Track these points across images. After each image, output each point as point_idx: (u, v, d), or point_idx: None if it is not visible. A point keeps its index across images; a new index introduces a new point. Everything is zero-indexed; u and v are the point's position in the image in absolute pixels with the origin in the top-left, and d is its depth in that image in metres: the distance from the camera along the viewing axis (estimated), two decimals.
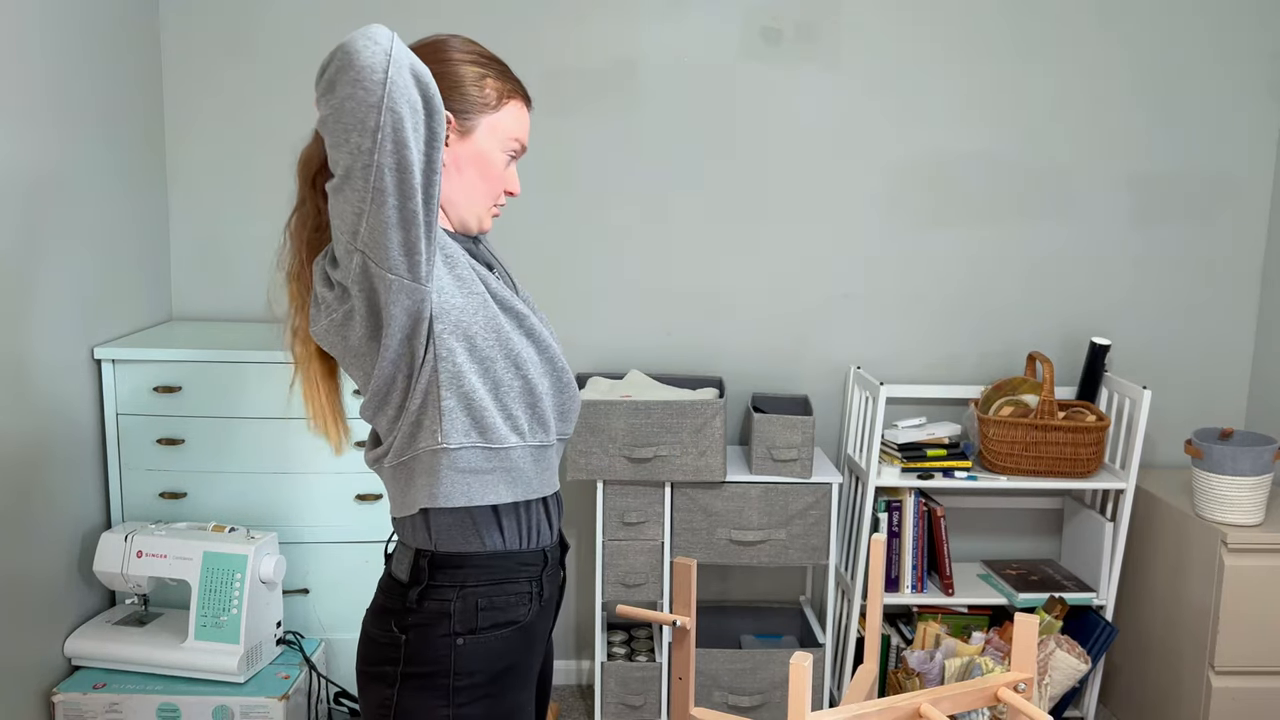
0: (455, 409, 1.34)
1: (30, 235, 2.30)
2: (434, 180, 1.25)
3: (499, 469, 1.38)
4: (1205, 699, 2.66)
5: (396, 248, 1.24)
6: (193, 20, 2.90)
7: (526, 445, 1.41)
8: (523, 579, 1.43)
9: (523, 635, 1.44)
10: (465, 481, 1.36)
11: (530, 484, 1.43)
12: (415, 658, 1.39)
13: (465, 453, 1.35)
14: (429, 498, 1.37)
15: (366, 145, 1.19)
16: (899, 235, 3.08)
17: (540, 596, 1.46)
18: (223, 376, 2.56)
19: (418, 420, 1.34)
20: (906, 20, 2.99)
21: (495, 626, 1.41)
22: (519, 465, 1.40)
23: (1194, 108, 3.06)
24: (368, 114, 1.18)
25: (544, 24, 2.95)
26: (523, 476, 1.41)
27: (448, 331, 1.31)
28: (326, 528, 2.64)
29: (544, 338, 1.43)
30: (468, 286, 1.34)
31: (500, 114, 1.41)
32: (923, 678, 2.71)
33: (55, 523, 2.41)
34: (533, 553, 1.45)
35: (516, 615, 1.43)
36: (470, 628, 1.39)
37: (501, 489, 1.39)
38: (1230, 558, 2.60)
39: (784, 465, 2.78)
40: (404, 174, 1.20)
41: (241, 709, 2.34)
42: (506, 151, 1.43)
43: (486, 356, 1.35)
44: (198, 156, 2.94)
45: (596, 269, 3.06)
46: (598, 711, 2.85)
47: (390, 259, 1.24)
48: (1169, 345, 3.17)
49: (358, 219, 1.23)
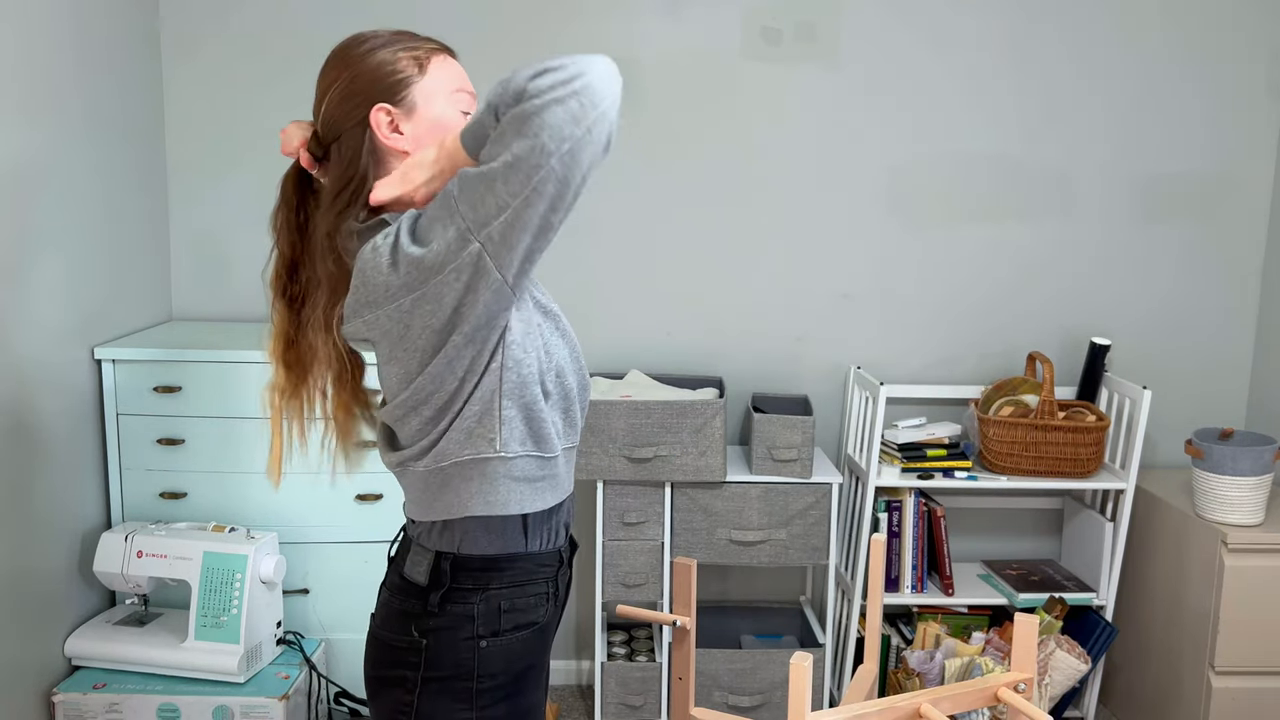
0: (516, 418, 1.34)
1: (30, 235, 2.30)
2: (571, 207, 1.26)
3: (548, 476, 1.40)
4: (1205, 699, 2.66)
5: (521, 252, 1.24)
6: (193, 20, 2.90)
7: (564, 449, 1.42)
8: (540, 579, 1.43)
9: (540, 635, 1.45)
10: (520, 490, 1.37)
11: (564, 486, 1.44)
12: (436, 661, 1.38)
13: (521, 461, 1.36)
14: (483, 505, 1.36)
15: (551, 148, 1.19)
16: (899, 235, 3.08)
17: (556, 596, 1.47)
18: (223, 376, 2.56)
19: (472, 428, 1.33)
20: (906, 20, 2.99)
21: (517, 628, 1.41)
22: (560, 471, 1.41)
23: (1194, 108, 3.06)
24: (573, 126, 1.19)
25: (544, 24, 2.95)
26: (561, 482, 1.42)
27: (516, 343, 1.31)
28: (326, 528, 2.63)
29: (573, 338, 1.43)
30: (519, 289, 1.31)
31: (428, 78, 1.40)
32: (923, 678, 2.71)
33: (55, 523, 2.41)
34: (550, 553, 1.45)
35: (536, 616, 1.43)
36: (493, 630, 1.39)
37: (549, 495, 1.41)
38: (1230, 558, 2.60)
39: (784, 465, 2.78)
40: (563, 188, 1.21)
41: (241, 709, 2.34)
42: (456, 106, 1.41)
43: (544, 367, 1.35)
44: (198, 156, 2.94)
45: (596, 269, 3.06)
46: (598, 711, 2.85)
47: (510, 261, 1.24)
48: (1169, 345, 3.17)
49: (498, 212, 1.21)
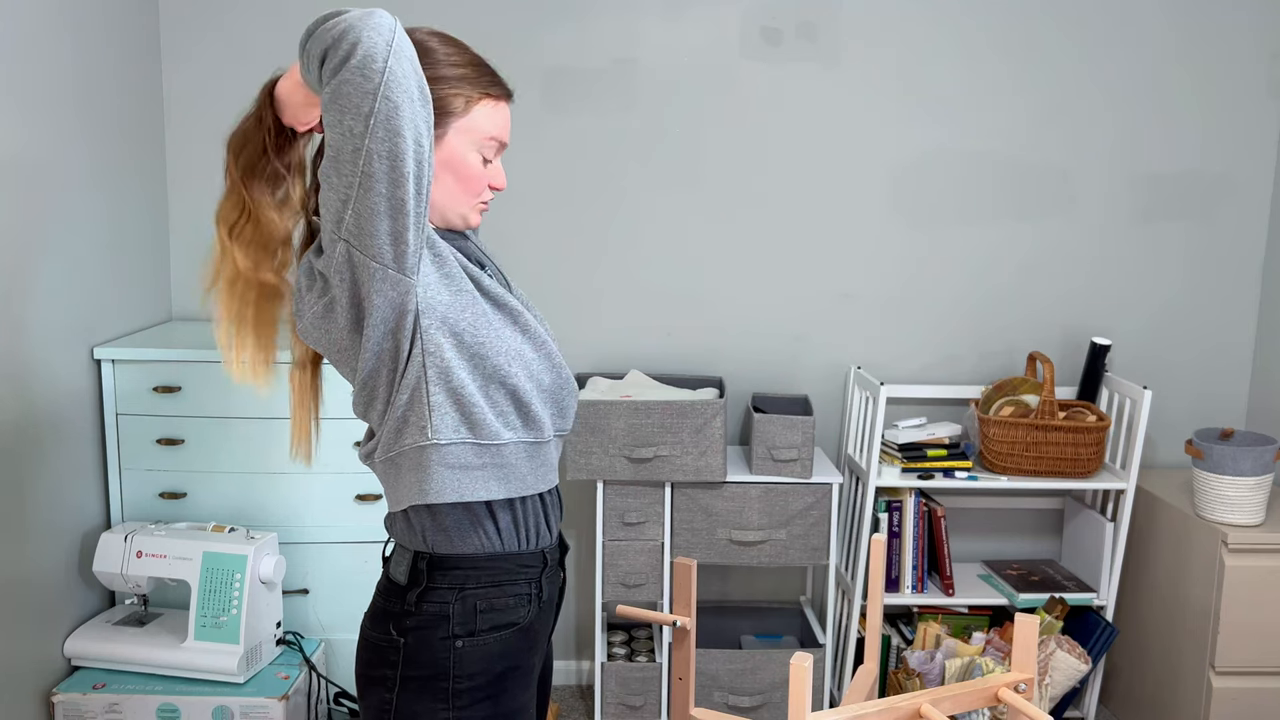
0: (444, 404, 1.34)
1: (30, 235, 2.29)
2: (424, 171, 1.26)
3: (491, 465, 1.38)
4: (1205, 699, 2.66)
5: (384, 236, 1.25)
6: (193, 20, 2.90)
7: (521, 441, 1.40)
8: (522, 580, 1.43)
9: (523, 637, 1.44)
10: (456, 477, 1.36)
11: (524, 480, 1.42)
12: (414, 660, 1.38)
13: (455, 448, 1.35)
14: (419, 493, 1.37)
15: (359, 129, 1.21)
16: (899, 235, 3.08)
17: (540, 598, 1.46)
18: (223, 376, 2.54)
19: (404, 415, 1.34)
20: (906, 20, 2.99)
21: (495, 629, 1.40)
22: (511, 461, 1.40)
23: (1194, 108, 3.06)
24: (363, 100, 1.20)
25: (544, 23, 2.94)
26: (516, 473, 1.41)
27: (434, 327, 1.31)
28: (326, 528, 2.63)
29: (539, 333, 1.43)
30: (456, 283, 1.34)
31: (470, 117, 1.39)
32: (923, 678, 2.71)
33: (55, 523, 2.40)
34: (532, 554, 1.44)
35: (516, 617, 1.43)
36: (469, 630, 1.39)
37: (494, 485, 1.39)
38: (1231, 558, 2.60)
39: (784, 465, 2.78)
40: (395, 161, 1.22)
41: (241, 709, 2.34)
42: (481, 151, 1.41)
43: (476, 353, 1.34)
44: (198, 156, 2.94)
45: (596, 269, 3.06)
46: (598, 712, 2.85)
47: (376, 247, 1.25)
48: (1169, 345, 3.16)
49: (343, 205, 1.24)
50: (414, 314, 1.30)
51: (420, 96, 1.24)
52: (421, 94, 1.25)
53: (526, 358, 1.40)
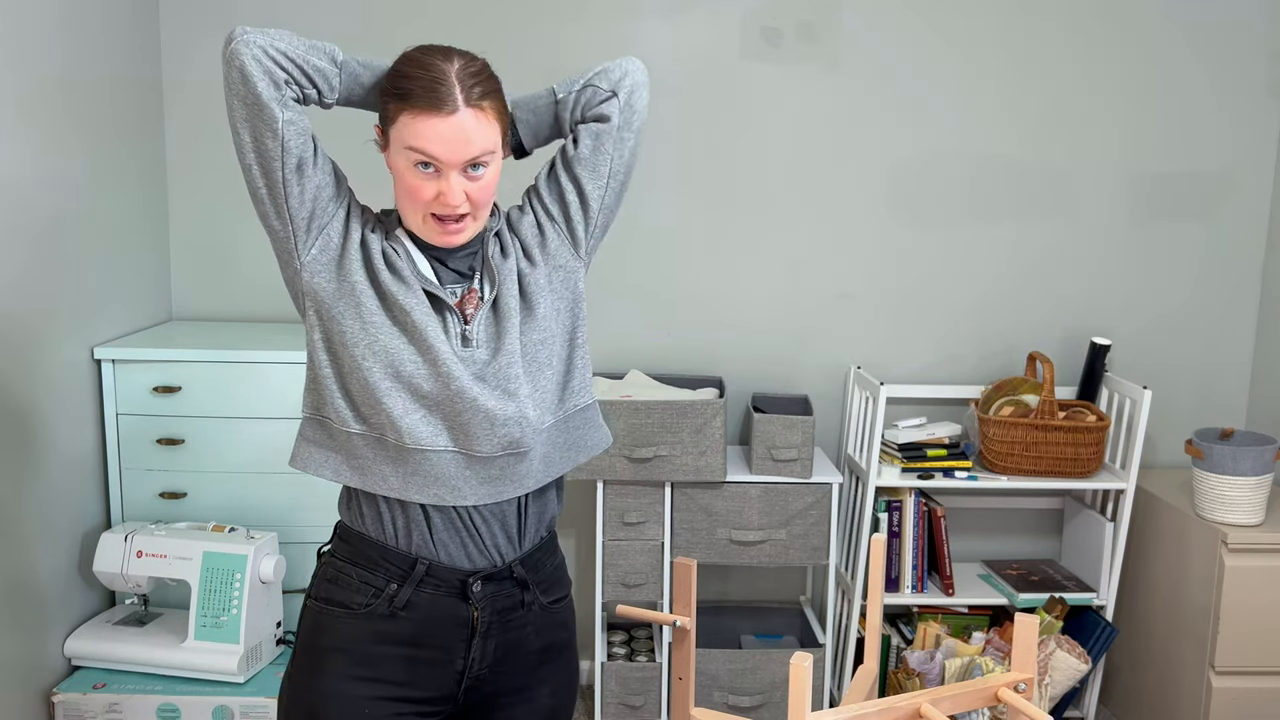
0: (313, 380, 1.46)
1: (30, 235, 2.30)
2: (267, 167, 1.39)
3: (339, 450, 1.45)
4: (1205, 699, 2.66)
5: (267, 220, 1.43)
6: (193, 20, 2.90)
7: (368, 435, 1.42)
8: (379, 572, 1.45)
9: (352, 623, 1.45)
10: (308, 450, 1.47)
11: (386, 481, 1.43)
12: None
13: (310, 423, 1.47)
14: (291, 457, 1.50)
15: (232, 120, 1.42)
16: (899, 235, 3.08)
17: (393, 599, 1.44)
18: (223, 376, 2.56)
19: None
20: (906, 20, 2.99)
21: (328, 600, 1.47)
22: (361, 453, 1.43)
23: (1194, 108, 3.06)
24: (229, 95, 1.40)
25: (543, 23, 2.94)
26: (369, 466, 1.43)
27: (312, 310, 1.43)
28: (326, 528, 2.62)
29: (430, 343, 1.39)
30: (344, 274, 1.42)
31: (395, 127, 1.39)
32: (923, 678, 2.71)
33: (55, 523, 2.41)
34: (397, 553, 1.45)
35: (350, 600, 1.46)
36: (314, 593, 1.49)
37: (345, 471, 1.45)
38: (1230, 558, 2.60)
39: (784, 465, 2.78)
40: (238, 155, 1.40)
41: (241, 709, 2.34)
42: (410, 162, 1.38)
43: (338, 341, 1.42)
44: (198, 156, 2.94)
45: (596, 269, 3.05)
46: (598, 711, 2.85)
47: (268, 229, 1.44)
48: (1169, 345, 3.16)
49: None
50: (302, 295, 1.44)
51: (248, 97, 1.36)
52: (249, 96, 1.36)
53: (396, 359, 1.40)
